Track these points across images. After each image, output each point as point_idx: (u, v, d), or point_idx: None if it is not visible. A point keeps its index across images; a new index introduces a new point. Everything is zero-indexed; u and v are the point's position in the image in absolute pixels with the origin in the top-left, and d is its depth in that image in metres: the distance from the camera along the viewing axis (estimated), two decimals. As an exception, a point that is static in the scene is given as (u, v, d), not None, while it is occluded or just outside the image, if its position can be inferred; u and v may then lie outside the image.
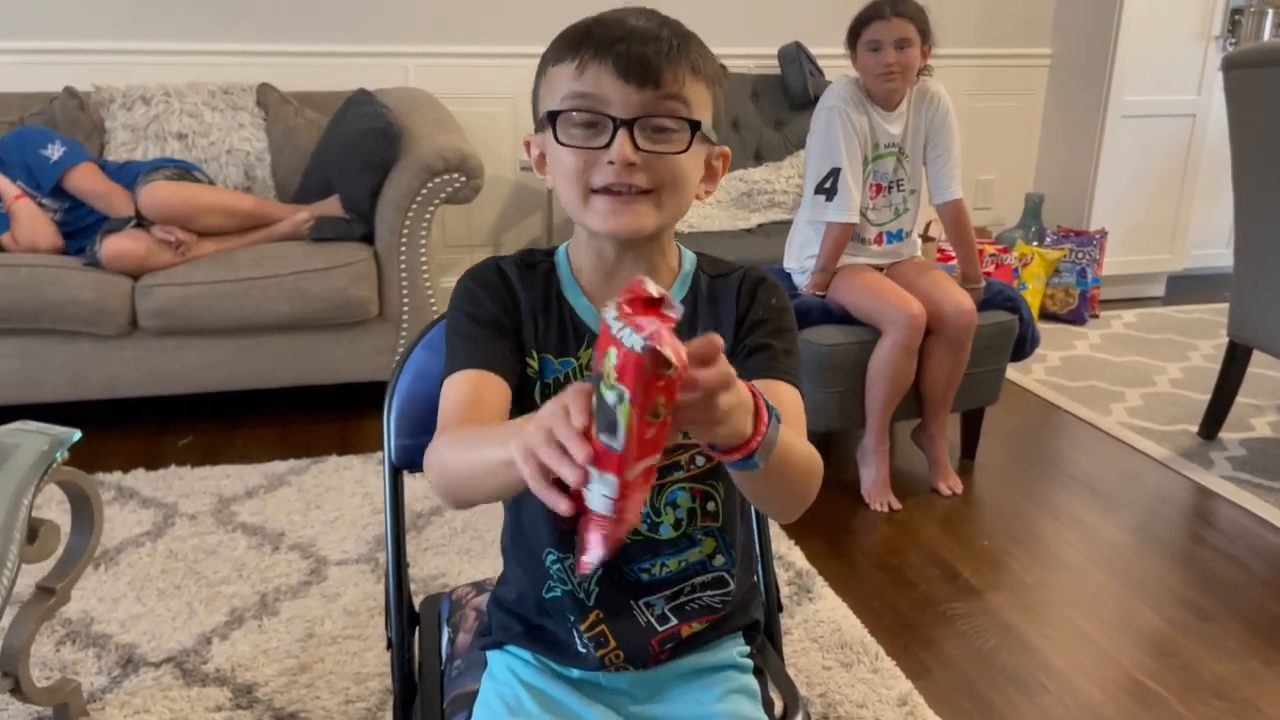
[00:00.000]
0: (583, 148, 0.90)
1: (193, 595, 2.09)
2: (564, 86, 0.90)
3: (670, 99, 0.89)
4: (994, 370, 2.71)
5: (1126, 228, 4.12)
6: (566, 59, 0.90)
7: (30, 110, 3.11)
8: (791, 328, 1.01)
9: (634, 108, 0.88)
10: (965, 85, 4.14)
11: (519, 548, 1.07)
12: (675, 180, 0.92)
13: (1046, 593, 2.22)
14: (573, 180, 0.92)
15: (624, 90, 0.88)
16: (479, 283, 1.00)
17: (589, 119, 0.89)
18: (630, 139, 0.88)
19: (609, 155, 0.89)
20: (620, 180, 0.90)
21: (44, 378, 2.72)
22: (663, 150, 0.90)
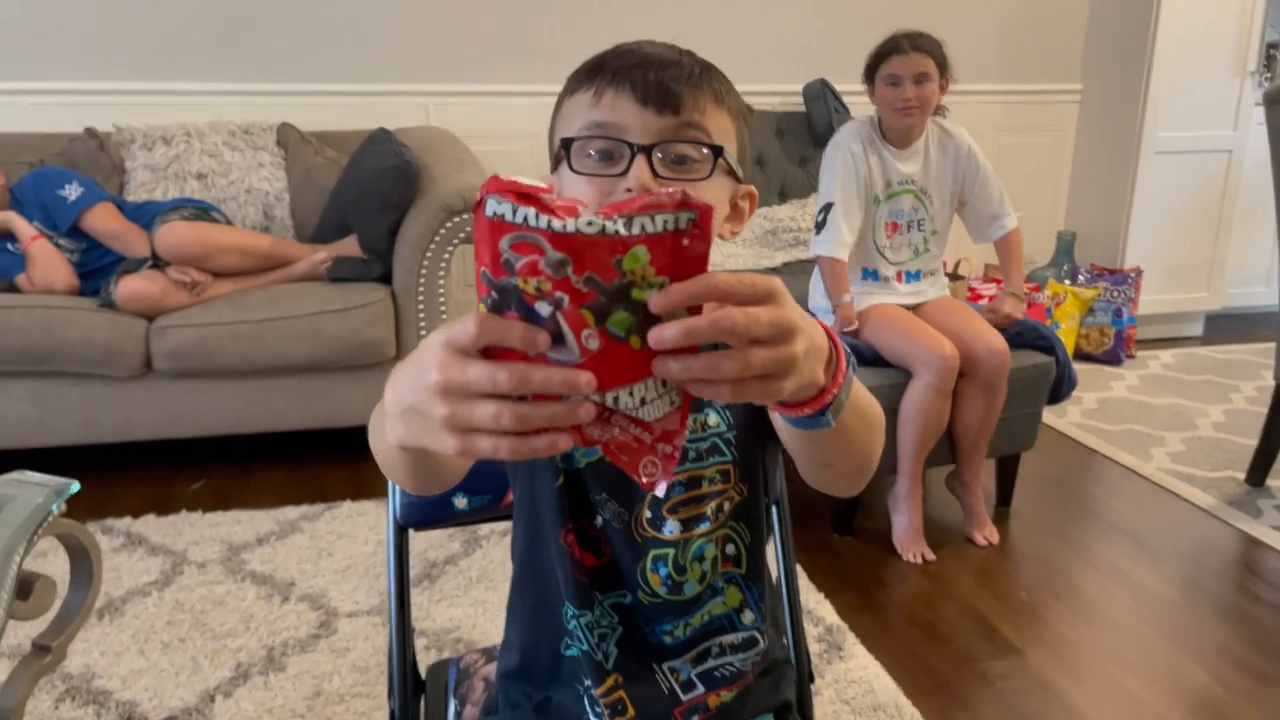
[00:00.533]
0: (598, 175, 0.84)
1: (198, 649, 2.02)
2: (580, 116, 0.85)
3: (691, 126, 0.83)
4: (1030, 414, 2.61)
5: (1162, 266, 4.02)
6: (582, 89, 0.85)
7: (51, 150, 3.09)
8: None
9: (652, 134, 0.83)
10: (993, 121, 4.07)
11: (528, 603, 0.99)
12: None
13: (1090, 650, 2.11)
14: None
15: (642, 116, 0.82)
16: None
17: (605, 147, 0.83)
18: (648, 165, 0.82)
19: (626, 183, 0.82)
20: None
21: (56, 420, 2.67)
22: (683, 178, 0.84)
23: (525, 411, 0.53)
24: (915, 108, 2.40)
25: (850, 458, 0.79)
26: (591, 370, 0.53)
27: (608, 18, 3.61)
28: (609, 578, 0.93)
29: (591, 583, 0.93)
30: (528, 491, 0.96)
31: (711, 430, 0.93)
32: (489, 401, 0.54)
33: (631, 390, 0.55)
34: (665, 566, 0.92)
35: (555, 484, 0.92)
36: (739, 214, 0.93)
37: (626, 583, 0.93)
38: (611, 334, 0.52)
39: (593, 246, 0.51)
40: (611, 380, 0.54)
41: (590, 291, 0.51)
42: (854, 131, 2.49)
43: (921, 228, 2.54)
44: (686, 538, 0.92)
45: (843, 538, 2.54)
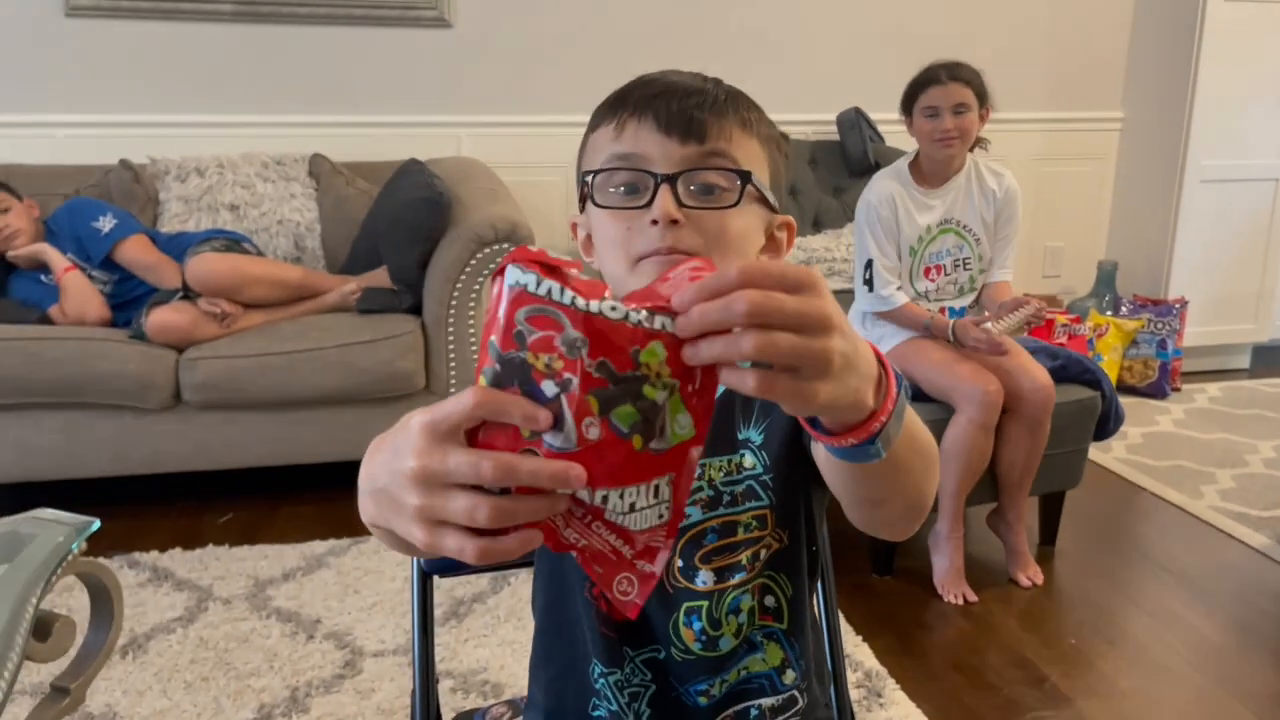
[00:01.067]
0: (621, 208, 0.81)
1: (220, 689, 1.97)
2: (603, 150, 0.82)
3: (716, 155, 0.80)
4: (1075, 451, 2.53)
5: (1208, 296, 3.92)
6: (605, 122, 0.82)
7: (86, 183, 3.11)
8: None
9: (676, 163, 0.79)
10: (1033, 150, 4.00)
11: (553, 662, 0.94)
12: (726, 241, 0.80)
13: (1145, 701, 2.02)
14: (616, 248, 0.81)
15: (665, 145, 0.79)
16: None
17: (630, 180, 0.81)
18: (673, 195, 0.78)
19: (651, 214, 0.78)
20: (665, 243, 0.78)
21: (86, 453, 2.66)
22: (711, 206, 0.80)
23: (505, 506, 0.49)
24: (955, 138, 2.35)
25: (903, 496, 0.72)
26: (585, 462, 0.49)
27: (640, 48, 3.59)
28: (640, 632, 0.88)
29: (621, 639, 0.88)
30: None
31: (747, 472, 0.88)
32: (466, 494, 0.49)
33: (623, 493, 0.51)
34: (699, 620, 0.87)
35: None
36: (776, 246, 0.88)
37: (659, 637, 0.88)
38: (614, 427, 0.49)
39: (612, 331, 0.48)
40: (604, 478, 0.50)
41: (601, 378, 0.49)
42: (882, 180, 2.44)
43: (968, 266, 2.48)
44: (721, 589, 0.87)
45: (881, 578, 2.46)
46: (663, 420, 0.50)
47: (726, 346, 0.48)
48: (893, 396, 0.58)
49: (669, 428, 0.50)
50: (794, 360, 0.49)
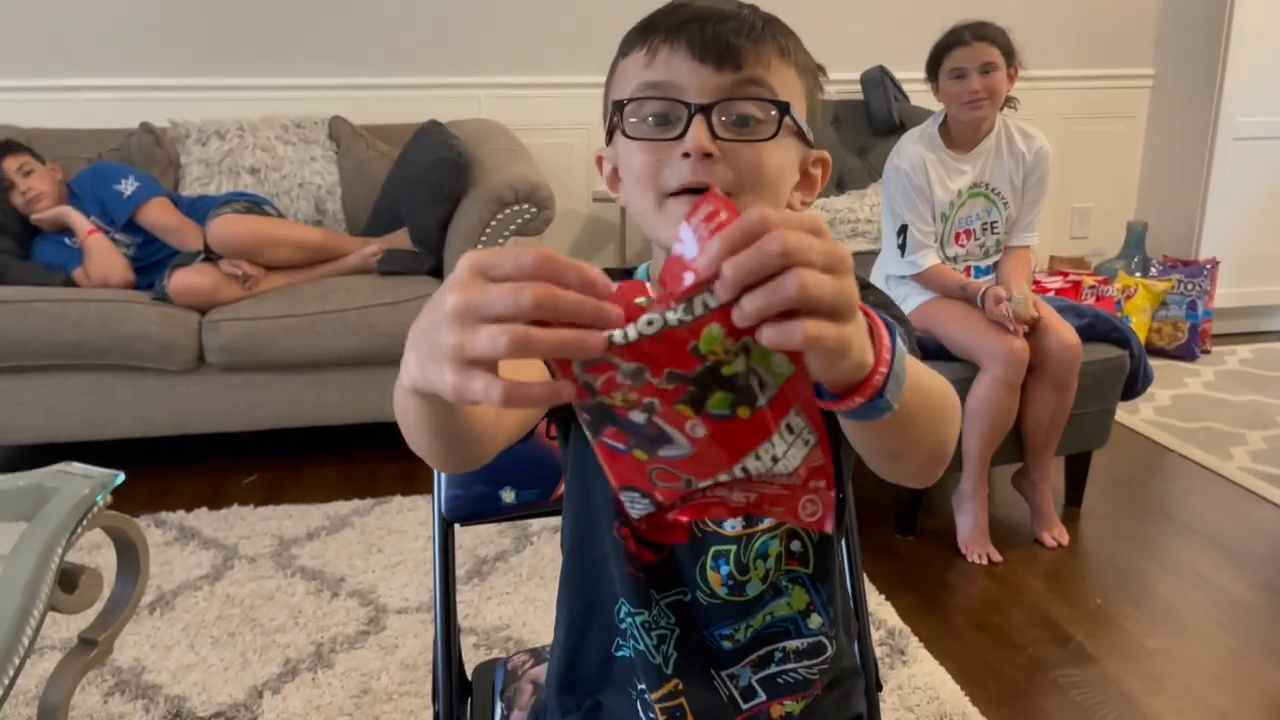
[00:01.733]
0: (653, 139, 0.77)
1: (247, 644, 1.99)
2: (634, 78, 0.78)
3: (753, 83, 0.76)
4: (1102, 410, 2.49)
5: (1240, 257, 3.85)
6: (635, 48, 0.79)
7: (108, 146, 3.12)
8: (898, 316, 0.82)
9: (711, 92, 0.75)
10: (1062, 108, 3.93)
11: (579, 600, 0.93)
12: (761, 176, 0.77)
13: (1171, 660, 2.00)
14: (644, 183, 0.78)
15: (699, 74, 0.75)
16: None
17: (661, 109, 0.77)
18: (707, 127, 0.75)
19: (683, 146, 0.75)
20: (697, 178, 0.75)
21: (111, 414, 2.68)
22: (746, 139, 0.76)
23: (523, 334, 0.46)
24: (984, 100, 2.29)
25: (921, 447, 0.69)
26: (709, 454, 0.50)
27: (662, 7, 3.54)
28: (667, 575, 0.87)
29: (648, 580, 0.87)
30: (580, 481, 0.90)
31: None
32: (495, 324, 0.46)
33: (758, 454, 0.51)
34: (727, 564, 0.86)
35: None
36: (810, 183, 0.85)
37: (686, 580, 0.87)
38: (715, 416, 0.49)
39: (662, 344, 0.47)
40: (733, 456, 0.51)
41: (677, 387, 0.48)
42: (912, 145, 2.39)
43: (995, 230, 2.44)
44: (749, 534, 0.85)
45: (905, 538, 2.45)
46: (757, 378, 0.49)
47: (770, 294, 0.46)
48: (886, 346, 0.55)
49: (767, 379, 0.49)
50: (833, 303, 0.47)
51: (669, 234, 0.77)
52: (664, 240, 0.79)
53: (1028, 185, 2.43)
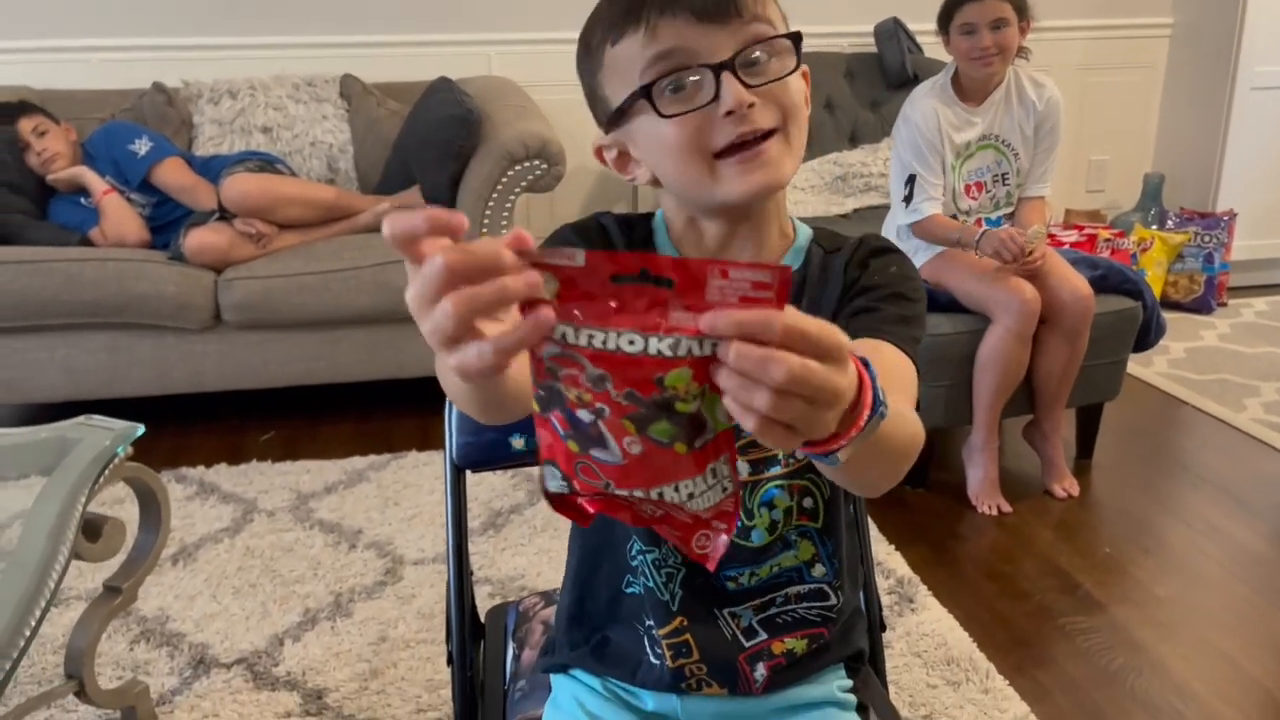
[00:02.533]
0: (692, 111, 0.77)
1: (267, 594, 2.04)
2: (636, 62, 0.77)
3: (757, 21, 0.77)
4: (1114, 362, 2.49)
5: (1258, 209, 3.80)
6: (628, 32, 0.77)
7: (120, 106, 3.12)
8: (915, 298, 0.85)
9: (725, 47, 0.76)
10: (1077, 59, 3.88)
11: (593, 536, 0.94)
12: (795, 107, 0.79)
13: (1181, 608, 2.02)
14: (690, 154, 0.78)
15: (707, 33, 0.75)
16: (577, 231, 0.88)
17: (681, 80, 0.76)
18: (737, 79, 0.75)
19: (724, 106, 0.75)
20: (744, 128, 0.76)
21: (130, 372, 2.72)
22: (774, 78, 0.77)
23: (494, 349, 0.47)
24: (994, 55, 2.27)
25: (863, 482, 0.72)
26: (636, 471, 0.51)
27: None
28: None
29: None
30: None
31: None
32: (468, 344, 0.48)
33: (677, 486, 0.53)
34: None
35: None
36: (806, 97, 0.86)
37: None
38: (654, 440, 0.50)
39: (633, 365, 0.48)
40: (657, 479, 0.52)
41: (630, 405, 0.49)
42: (924, 98, 2.38)
43: (1006, 181, 2.43)
44: (755, 479, 0.87)
45: (915, 490, 2.47)
46: (700, 420, 0.50)
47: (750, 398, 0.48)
48: (859, 424, 0.56)
49: (709, 423, 0.50)
50: (801, 425, 0.49)
51: (726, 191, 0.78)
52: (720, 199, 0.80)
53: (1039, 135, 2.41)
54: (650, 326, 0.47)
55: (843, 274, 0.86)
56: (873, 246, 0.88)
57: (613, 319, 0.47)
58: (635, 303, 0.47)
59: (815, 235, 0.90)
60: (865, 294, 0.84)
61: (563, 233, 0.88)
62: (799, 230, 0.90)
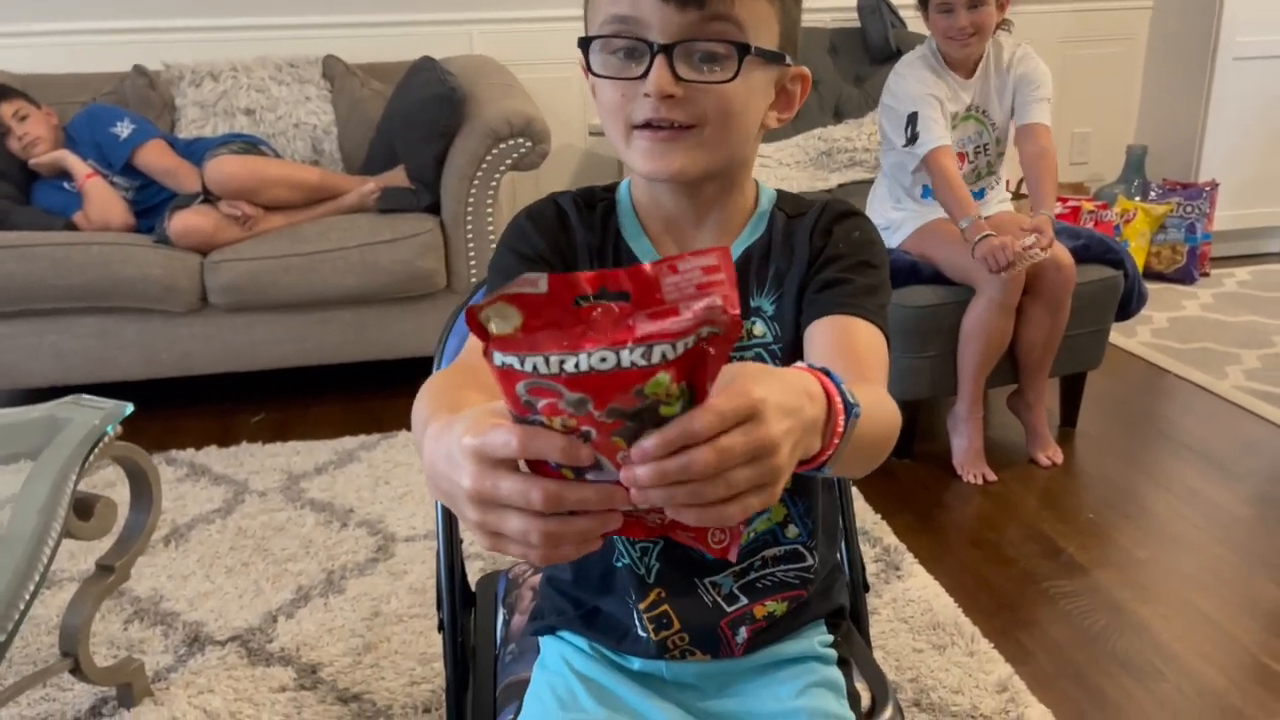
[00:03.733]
0: (616, 78, 0.79)
1: (260, 573, 2.05)
2: (602, 10, 0.79)
3: (718, 19, 0.77)
4: (1097, 331, 2.52)
5: (1239, 179, 3.83)
6: None
7: (102, 90, 3.11)
8: (879, 264, 0.87)
9: (673, 31, 0.76)
10: (1060, 32, 3.89)
11: None
12: (723, 114, 0.79)
13: (1160, 570, 2.05)
14: (614, 115, 0.81)
15: (663, 11, 0.76)
16: (533, 219, 0.90)
17: (627, 45, 0.78)
18: (669, 67, 0.77)
19: (645, 87, 0.77)
20: (659, 116, 0.78)
21: (118, 355, 2.72)
22: (707, 80, 0.78)
23: (555, 530, 0.51)
24: (971, 35, 2.28)
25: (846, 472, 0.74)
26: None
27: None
28: None
29: None
30: None
31: (756, 340, 0.88)
32: (520, 515, 0.51)
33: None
34: None
35: None
36: (788, 99, 0.87)
37: None
38: None
39: (610, 381, 0.47)
40: None
41: (615, 421, 0.49)
42: (915, 60, 2.39)
43: (986, 152, 2.45)
44: None
45: (901, 460, 2.49)
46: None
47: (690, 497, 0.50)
48: (837, 435, 0.59)
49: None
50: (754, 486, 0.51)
51: (637, 164, 0.81)
52: (631, 165, 0.83)
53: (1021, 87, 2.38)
54: (619, 341, 0.46)
55: (809, 242, 0.88)
56: (836, 212, 0.89)
57: (583, 342, 0.47)
58: (602, 321, 0.47)
59: (778, 199, 0.92)
60: (832, 264, 0.86)
61: (519, 221, 0.90)
62: (762, 194, 0.92)
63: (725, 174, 0.86)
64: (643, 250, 0.89)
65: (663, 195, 0.88)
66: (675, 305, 0.47)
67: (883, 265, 0.88)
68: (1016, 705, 1.65)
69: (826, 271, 0.85)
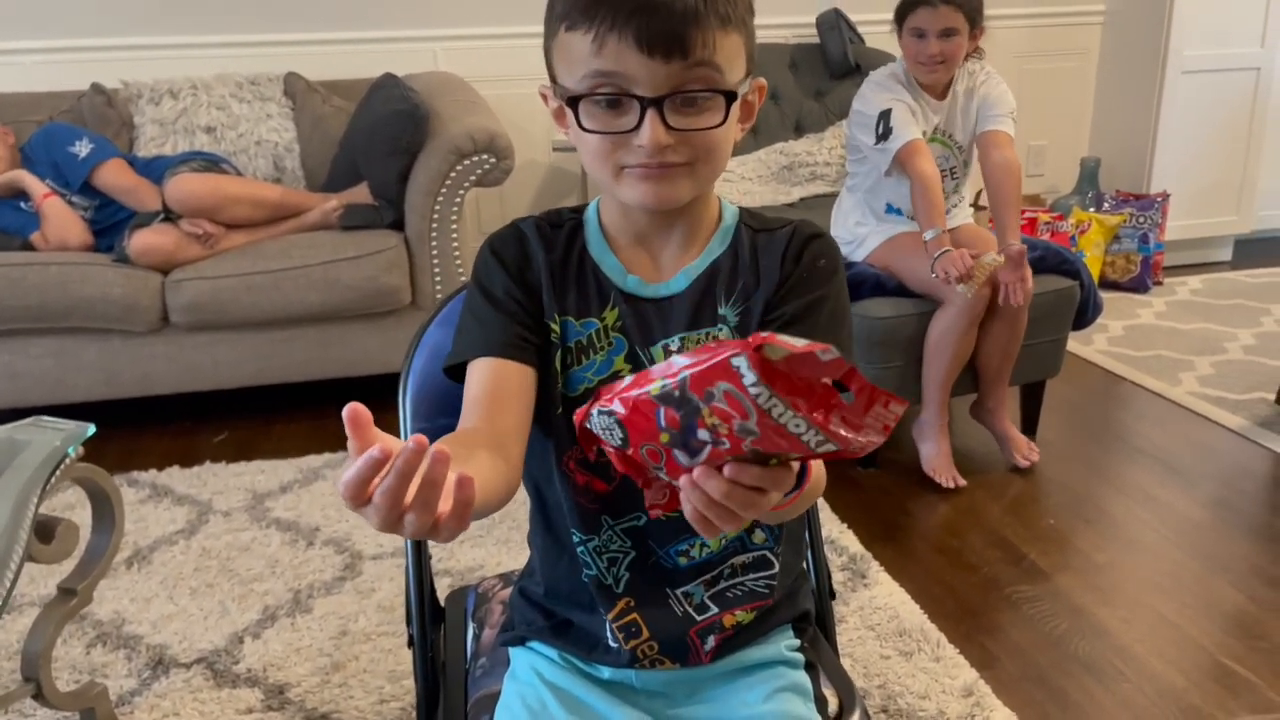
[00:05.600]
0: (610, 133, 0.81)
1: (225, 594, 2.03)
2: (581, 63, 0.80)
3: (701, 65, 0.79)
4: (1054, 340, 2.57)
5: (1190, 190, 3.92)
6: (580, 26, 0.79)
7: (59, 108, 3.08)
8: (839, 292, 0.91)
9: (661, 84, 0.78)
10: (1015, 47, 3.97)
11: (548, 534, 0.98)
12: (712, 150, 0.83)
13: (1120, 573, 2.09)
14: (602, 160, 0.83)
15: (649, 66, 0.78)
16: (495, 250, 0.92)
17: (613, 95, 0.80)
18: (660, 120, 0.79)
19: (638, 139, 0.79)
20: (653, 161, 0.81)
21: (77, 377, 2.69)
22: (697, 128, 0.81)
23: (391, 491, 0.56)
24: (939, 64, 2.33)
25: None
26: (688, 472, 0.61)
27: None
28: (621, 502, 0.92)
29: (601, 508, 0.92)
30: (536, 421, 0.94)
31: None
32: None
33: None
34: None
35: (556, 412, 0.90)
36: (750, 109, 0.89)
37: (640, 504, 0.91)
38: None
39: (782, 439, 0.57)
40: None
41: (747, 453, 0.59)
42: (887, 76, 2.42)
43: (954, 175, 2.49)
44: None
45: (866, 470, 2.52)
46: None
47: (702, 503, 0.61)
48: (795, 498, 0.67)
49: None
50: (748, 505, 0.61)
51: (628, 198, 0.84)
52: (620, 198, 0.86)
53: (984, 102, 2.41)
54: (817, 422, 0.56)
55: (779, 265, 0.90)
56: (806, 233, 0.92)
57: (801, 406, 0.56)
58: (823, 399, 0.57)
59: (742, 215, 0.94)
60: (794, 294, 0.88)
61: (484, 253, 0.92)
62: (725, 210, 0.94)
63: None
64: (608, 265, 0.91)
65: (635, 213, 0.90)
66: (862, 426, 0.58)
67: (843, 292, 0.91)
68: (982, 709, 1.67)
69: (791, 304, 0.88)
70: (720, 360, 0.56)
